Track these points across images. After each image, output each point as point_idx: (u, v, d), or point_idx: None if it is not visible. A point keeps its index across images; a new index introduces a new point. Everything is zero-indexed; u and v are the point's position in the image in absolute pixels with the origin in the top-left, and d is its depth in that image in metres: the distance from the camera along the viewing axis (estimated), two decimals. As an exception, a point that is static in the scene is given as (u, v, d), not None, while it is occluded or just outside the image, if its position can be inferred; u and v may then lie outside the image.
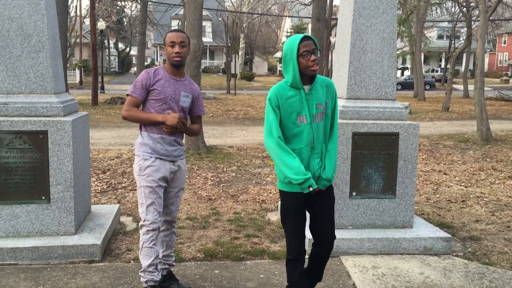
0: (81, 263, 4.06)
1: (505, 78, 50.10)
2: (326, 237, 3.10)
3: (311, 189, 2.90)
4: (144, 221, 3.33)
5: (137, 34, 30.17)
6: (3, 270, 3.88)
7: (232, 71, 31.57)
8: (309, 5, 23.31)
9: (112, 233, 4.76)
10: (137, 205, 5.88)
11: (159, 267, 3.47)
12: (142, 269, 3.35)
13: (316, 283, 3.31)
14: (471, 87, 23.55)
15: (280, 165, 2.91)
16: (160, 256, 3.60)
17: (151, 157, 3.37)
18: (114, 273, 3.90)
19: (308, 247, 4.26)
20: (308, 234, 3.15)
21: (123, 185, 6.90)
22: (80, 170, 4.42)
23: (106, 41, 47.66)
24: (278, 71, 57.48)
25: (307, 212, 3.12)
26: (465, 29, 25.52)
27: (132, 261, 4.15)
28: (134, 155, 3.53)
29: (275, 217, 5.46)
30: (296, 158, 2.91)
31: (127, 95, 3.40)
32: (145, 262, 3.31)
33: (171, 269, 3.70)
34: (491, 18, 16.70)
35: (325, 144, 3.04)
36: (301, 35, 2.90)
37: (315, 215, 3.10)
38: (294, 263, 3.05)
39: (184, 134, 3.58)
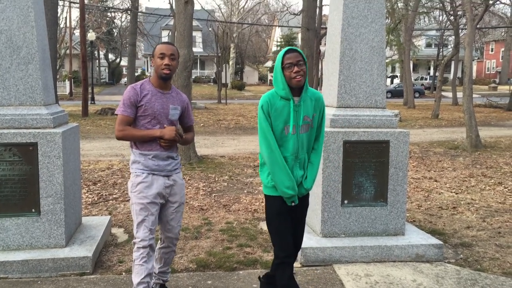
0: (72, 275, 4.02)
1: (493, 85, 50.68)
2: (299, 240, 3.31)
3: (293, 204, 3.09)
4: (135, 238, 3.27)
5: (127, 45, 30.18)
6: (-7, 284, 3.83)
7: (223, 81, 31.64)
8: (299, 15, 23.48)
9: (103, 245, 4.72)
10: (128, 216, 5.84)
11: (152, 281, 3.40)
12: (133, 287, 3.28)
13: None
14: (460, 95, 23.77)
15: (273, 175, 3.03)
16: (156, 271, 3.58)
17: (142, 173, 3.30)
18: (106, 285, 3.86)
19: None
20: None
21: (114, 196, 6.86)
22: (70, 181, 4.39)
23: (96, 52, 47.59)
24: (268, 81, 57.69)
25: None
26: (453, 37, 25.81)
27: (123, 273, 4.11)
28: (125, 165, 3.52)
29: (267, 226, 5.45)
30: (289, 172, 3.03)
31: (116, 114, 3.32)
32: (135, 280, 3.22)
33: (165, 283, 3.67)
34: (478, 26, 16.92)
35: (308, 154, 3.14)
36: (286, 48, 3.04)
37: (292, 220, 3.22)
38: (283, 267, 3.10)
39: (177, 146, 3.51)
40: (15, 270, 3.95)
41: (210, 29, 42.33)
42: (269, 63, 58.87)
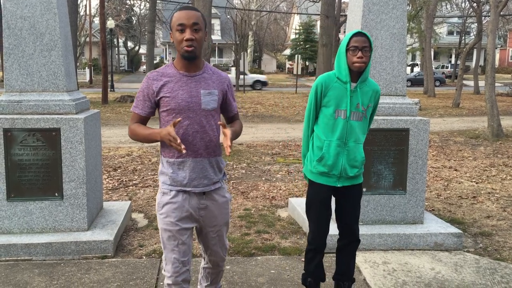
0: (94, 258, 4.11)
1: (516, 73, 49.56)
2: (348, 228, 3.17)
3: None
4: (164, 271, 2.63)
5: (146, 33, 30.29)
6: (18, 265, 3.94)
7: (241, 69, 31.59)
8: (318, 2, 23.26)
9: (124, 229, 4.81)
10: (148, 202, 5.93)
11: None
12: None
13: (346, 283, 3.26)
14: (481, 83, 23.35)
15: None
16: None
17: (170, 190, 2.57)
18: (127, 268, 3.94)
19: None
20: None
21: (134, 182, 6.96)
22: (92, 167, 4.47)
23: (115, 40, 47.89)
24: (287, 69, 57.45)
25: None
26: (476, 24, 25.32)
27: (144, 257, 4.19)
28: (144, 152, 3.38)
29: (285, 213, 5.48)
30: (305, 153, 3.20)
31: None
32: None
33: None
34: (502, 13, 16.55)
35: (362, 146, 3.07)
36: (355, 30, 2.96)
37: (340, 209, 3.17)
38: (313, 253, 3.16)
39: (219, 147, 2.66)
40: (39, 252, 4.06)
41: (228, 16, 42.25)
42: (287, 51, 58.55)
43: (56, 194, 4.21)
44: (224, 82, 2.63)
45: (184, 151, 2.31)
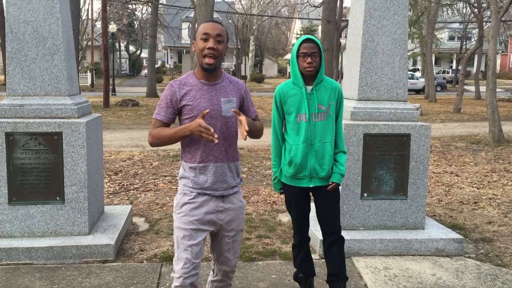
0: (95, 262, 4.11)
1: (517, 79, 49.56)
2: (328, 228, 3.29)
3: (281, 191, 3.33)
4: (173, 272, 2.63)
5: (147, 37, 30.40)
6: (19, 269, 3.94)
7: (242, 73, 31.65)
8: (319, 7, 23.33)
9: (125, 234, 4.81)
10: (149, 206, 5.93)
11: None
12: None
13: (341, 282, 3.28)
14: (483, 89, 23.35)
15: (272, 160, 3.34)
16: None
17: (191, 192, 2.66)
18: (128, 272, 3.94)
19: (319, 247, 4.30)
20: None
21: (135, 186, 6.96)
22: (93, 171, 4.47)
23: (117, 44, 47.97)
24: (288, 73, 57.47)
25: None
26: (477, 30, 25.34)
27: (145, 261, 4.19)
28: (145, 156, 3.37)
29: (286, 218, 5.48)
30: (277, 163, 3.28)
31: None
32: None
33: None
34: (503, 18, 16.58)
35: (329, 144, 3.16)
36: (304, 37, 3.12)
37: (318, 210, 3.30)
38: (297, 249, 3.41)
39: (237, 151, 2.78)
40: (40, 256, 4.06)
41: (230, 21, 42.35)
42: (288, 56, 58.55)
43: (58, 198, 4.22)
44: (241, 89, 2.77)
45: (217, 141, 2.40)
